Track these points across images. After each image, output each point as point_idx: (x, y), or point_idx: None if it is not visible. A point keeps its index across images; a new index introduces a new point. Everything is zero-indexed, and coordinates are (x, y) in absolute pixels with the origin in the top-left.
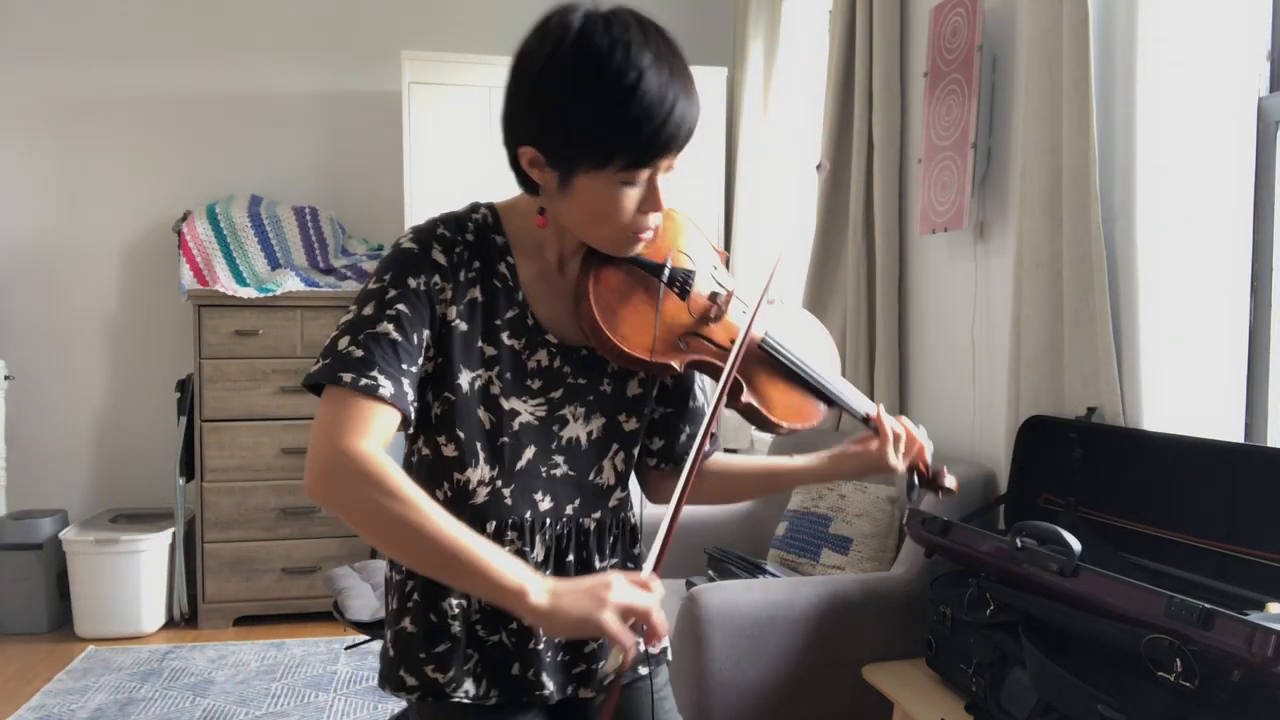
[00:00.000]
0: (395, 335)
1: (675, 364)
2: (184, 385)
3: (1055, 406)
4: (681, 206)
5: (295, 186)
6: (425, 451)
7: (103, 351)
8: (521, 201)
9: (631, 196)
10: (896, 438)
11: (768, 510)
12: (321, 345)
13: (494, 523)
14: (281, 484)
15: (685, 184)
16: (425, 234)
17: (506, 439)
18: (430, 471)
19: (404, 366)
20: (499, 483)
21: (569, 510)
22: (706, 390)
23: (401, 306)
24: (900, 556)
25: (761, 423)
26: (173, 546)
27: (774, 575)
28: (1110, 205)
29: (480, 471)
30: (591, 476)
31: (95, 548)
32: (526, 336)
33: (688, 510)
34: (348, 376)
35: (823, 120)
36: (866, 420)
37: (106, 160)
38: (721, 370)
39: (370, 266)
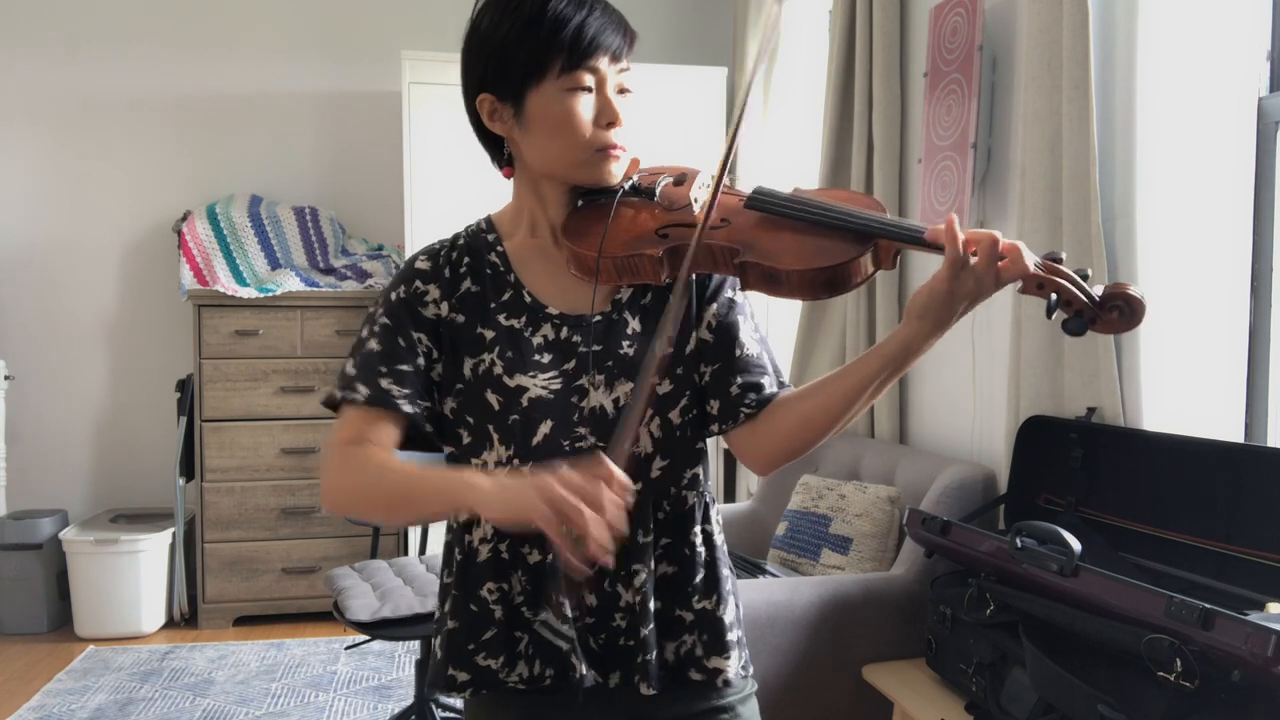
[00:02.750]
0: (375, 346)
1: (650, 252)
2: (184, 385)
3: (1055, 406)
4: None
5: (295, 186)
6: (450, 449)
7: (103, 351)
8: (512, 201)
9: (582, 103)
10: (957, 244)
11: (768, 510)
12: (321, 345)
13: None
14: (281, 484)
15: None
16: (417, 252)
17: (516, 416)
18: (455, 465)
19: (380, 369)
20: (516, 461)
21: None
22: (757, 327)
23: (384, 319)
24: (900, 556)
25: (774, 281)
26: (173, 546)
27: (774, 575)
28: (1110, 205)
29: (495, 453)
30: (625, 446)
31: (95, 548)
32: (526, 314)
33: None
34: (339, 392)
35: (823, 120)
36: (927, 243)
37: (106, 160)
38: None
39: (370, 266)
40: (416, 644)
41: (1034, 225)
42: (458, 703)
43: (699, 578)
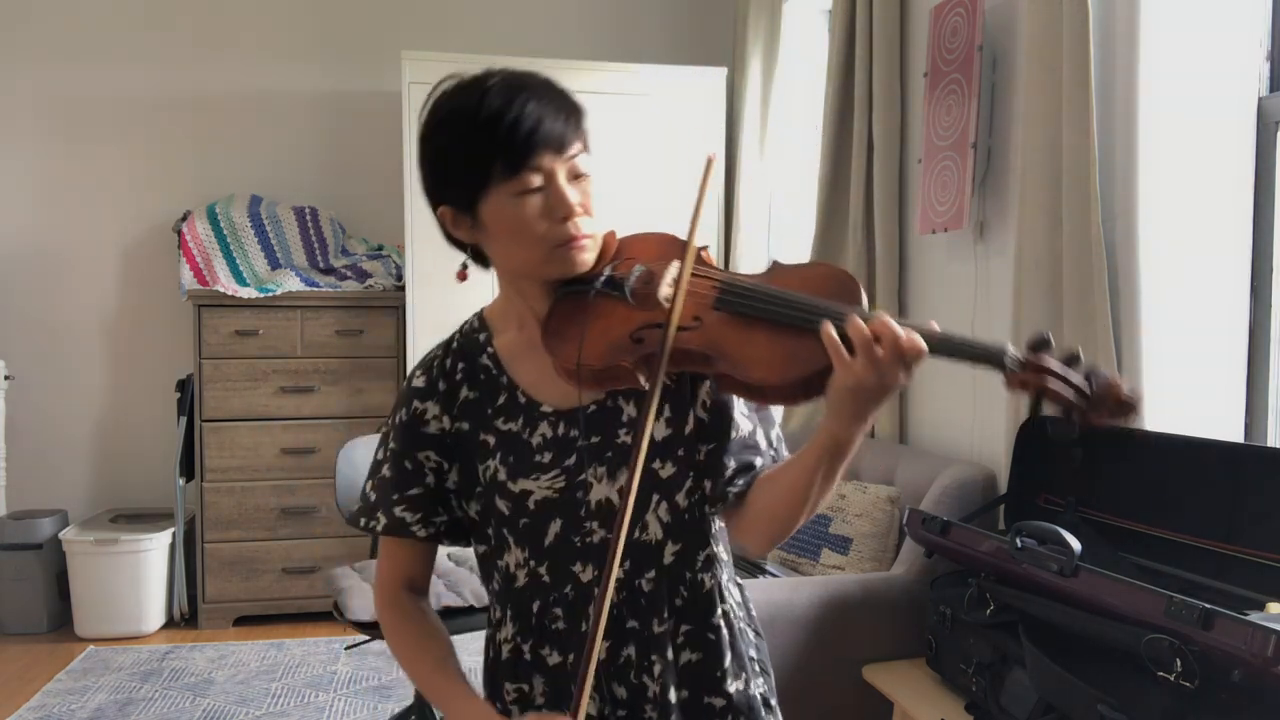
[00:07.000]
0: (388, 472)
1: (625, 363)
2: (184, 385)
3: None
4: (681, 204)
5: (295, 186)
6: (481, 548)
7: (103, 351)
8: (500, 296)
9: (534, 205)
10: (839, 352)
11: None
12: (321, 345)
13: (537, 603)
14: (281, 484)
15: (685, 183)
16: (417, 364)
17: (526, 519)
18: (483, 565)
19: (394, 496)
20: (533, 563)
21: (618, 575)
22: (748, 413)
23: (392, 444)
24: (900, 556)
25: (753, 392)
26: (173, 546)
27: (774, 575)
28: (1110, 205)
29: (514, 555)
30: (636, 535)
31: (95, 548)
32: (522, 416)
33: None
34: (362, 520)
35: (823, 120)
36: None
37: (106, 160)
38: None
39: (370, 266)
40: None
41: (1034, 225)
42: None
43: (727, 661)
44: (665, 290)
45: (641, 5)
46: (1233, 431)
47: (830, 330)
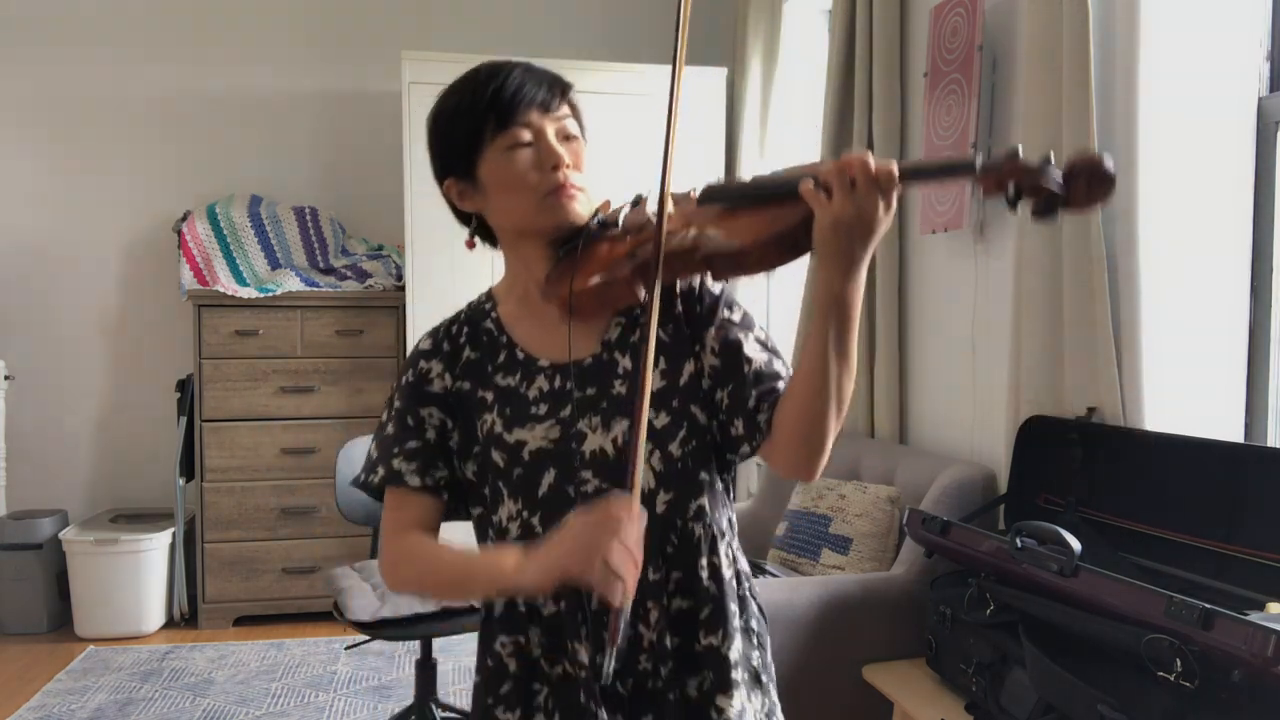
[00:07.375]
0: (390, 429)
1: (622, 274)
2: (184, 385)
3: (1055, 406)
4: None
5: (295, 186)
6: (477, 510)
7: (103, 351)
8: (505, 273)
9: (525, 157)
10: (828, 182)
11: (768, 510)
12: (321, 345)
13: None
14: (281, 484)
15: (686, 184)
16: (423, 335)
17: (520, 469)
18: (478, 528)
19: (394, 450)
20: (526, 514)
21: None
22: (764, 337)
23: (397, 403)
24: (900, 556)
25: (740, 261)
26: (173, 546)
27: (774, 575)
28: (1110, 205)
29: (506, 508)
30: (628, 485)
31: (95, 548)
32: (520, 371)
33: None
34: (363, 477)
35: (823, 120)
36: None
37: (106, 160)
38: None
39: (370, 266)
40: (416, 644)
41: (1033, 225)
42: (457, 702)
43: (705, 613)
44: (652, 205)
45: (642, 5)
46: (1233, 431)
47: (808, 183)
